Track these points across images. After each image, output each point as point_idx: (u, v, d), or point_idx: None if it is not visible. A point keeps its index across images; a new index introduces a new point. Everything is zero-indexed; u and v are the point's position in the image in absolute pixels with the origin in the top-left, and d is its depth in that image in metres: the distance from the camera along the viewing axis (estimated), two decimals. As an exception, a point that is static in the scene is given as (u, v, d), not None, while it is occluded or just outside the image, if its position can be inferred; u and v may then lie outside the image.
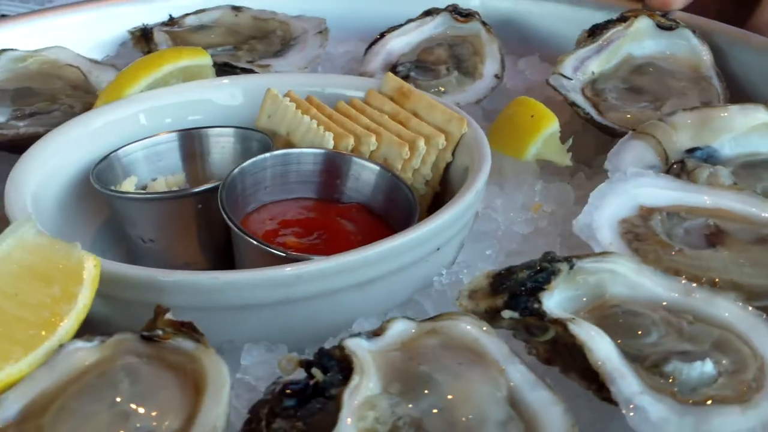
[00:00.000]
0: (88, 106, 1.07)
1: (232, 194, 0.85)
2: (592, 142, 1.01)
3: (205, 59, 1.07)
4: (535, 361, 0.68)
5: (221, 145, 0.94)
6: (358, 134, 0.93)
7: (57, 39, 1.19)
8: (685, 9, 1.11)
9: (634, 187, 0.84)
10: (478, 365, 0.65)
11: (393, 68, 1.16)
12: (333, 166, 0.87)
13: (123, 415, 0.60)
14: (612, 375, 0.64)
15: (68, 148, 0.92)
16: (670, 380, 0.65)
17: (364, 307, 0.77)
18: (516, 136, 0.95)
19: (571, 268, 0.72)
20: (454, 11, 1.23)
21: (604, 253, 0.74)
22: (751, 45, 1.08)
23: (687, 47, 1.10)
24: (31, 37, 1.19)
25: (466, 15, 1.22)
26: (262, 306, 0.74)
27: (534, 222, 0.90)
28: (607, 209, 0.82)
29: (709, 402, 0.63)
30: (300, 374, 0.64)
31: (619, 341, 0.68)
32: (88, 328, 0.68)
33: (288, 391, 0.64)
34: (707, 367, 0.65)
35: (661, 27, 1.11)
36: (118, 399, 0.61)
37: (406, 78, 1.10)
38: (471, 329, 0.67)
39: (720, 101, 1.02)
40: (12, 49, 1.15)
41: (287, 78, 1.05)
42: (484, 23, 1.20)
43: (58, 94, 1.09)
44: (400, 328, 0.68)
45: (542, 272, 0.71)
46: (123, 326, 0.68)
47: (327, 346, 0.73)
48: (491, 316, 0.70)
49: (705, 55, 1.08)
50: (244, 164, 0.86)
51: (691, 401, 0.63)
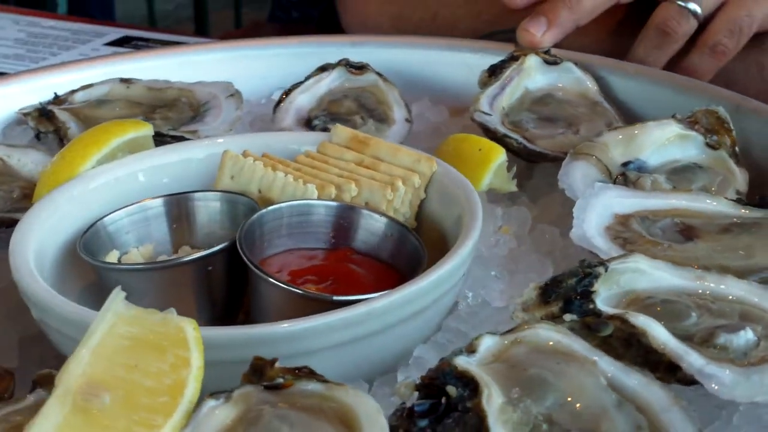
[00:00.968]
0: (27, 190, 1.06)
1: (250, 240, 0.88)
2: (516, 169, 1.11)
3: (147, 130, 1.08)
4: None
5: (208, 210, 0.96)
6: (337, 183, 0.98)
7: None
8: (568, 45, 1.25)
9: (605, 199, 0.95)
10: (573, 362, 0.73)
11: (307, 122, 1.22)
12: (343, 218, 0.92)
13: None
14: (678, 353, 0.74)
15: (68, 207, 0.94)
16: (723, 351, 0.76)
17: (415, 337, 0.83)
18: (468, 169, 1.03)
19: (606, 270, 0.81)
20: (348, 65, 1.30)
21: (624, 255, 0.84)
22: (627, 72, 1.23)
23: (573, 78, 1.23)
24: None
25: (359, 67, 1.30)
26: (336, 346, 0.78)
27: (508, 243, 0.99)
28: (592, 221, 0.93)
29: (762, 363, 0.74)
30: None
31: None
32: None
33: (417, 412, 0.69)
34: (749, 334, 0.76)
35: (547, 63, 1.24)
36: (284, 440, 0.64)
37: (324, 130, 1.17)
38: (550, 333, 0.75)
39: (618, 122, 1.16)
40: None
41: (237, 139, 1.08)
42: (378, 73, 1.29)
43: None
44: (489, 343, 0.75)
45: (587, 277, 0.80)
46: (209, 388, 0.70)
47: (400, 375, 0.79)
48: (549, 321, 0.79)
49: (590, 83, 1.23)
50: (263, 211, 0.90)
51: (747, 363, 0.75)
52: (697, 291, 0.82)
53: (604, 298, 0.80)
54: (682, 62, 1.25)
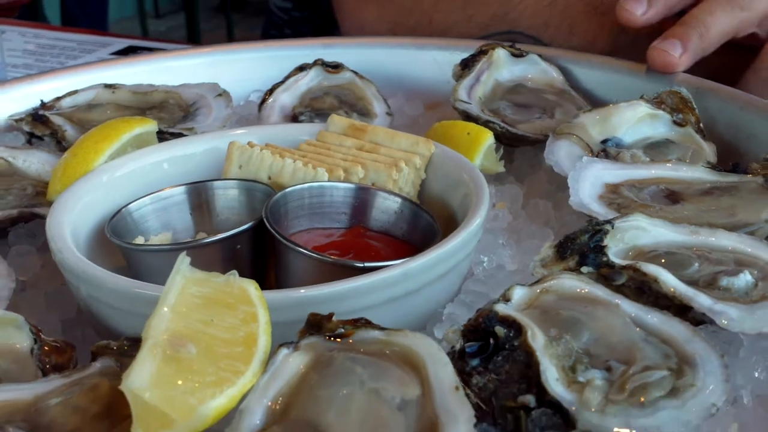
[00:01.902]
0: (39, 187, 1.09)
1: (275, 218, 0.93)
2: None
3: (152, 126, 1.13)
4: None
5: (227, 197, 1.01)
6: (344, 166, 1.05)
7: None
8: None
9: (594, 171, 1.04)
10: (598, 305, 0.81)
11: (293, 118, 1.28)
12: (359, 198, 0.98)
13: (375, 392, 0.69)
14: (688, 295, 0.83)
15: (97, 192, 1.00)
16: (726, 292, 0.84)
17: (440, 299, 0.90)
18: (459, 152, 1.11)
19: (612, 227, 0.90)
20: (324, 64, 1.36)
21: (626, 214, 0.92)
22: (590, 62, 1.32)
23: (539, 69, 1.32)
24: None
25: (335, 66, 1.37)
26: (374, 306, 0.84)
27: (506, 217, 1.07)
28: (586, 190, 1.01)
29: (762, 300, 0.83)
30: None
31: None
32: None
33: (468, 353, 0.76)
34: (748, 276, 0.85)
35: (514, 55, 1.32)
36: (362, 381, 0.70)
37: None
38: (574, 282, 0.83)
39: (586, 107, 1.25)
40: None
41: (240, 132, 1.13)
42: (353, 71, 1.36)
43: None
44: (520, 293, 0.82)
45: (597, 234, 0.88)
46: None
47: (438, 331, 0.86)
48: (565, 276, 0.86)
49: (555, 74, 1.32)
50: (287, 190, 0.96)
51: (750, 301, 0.83)
52: (694, 244, 0.91)
53: (613, 253, 0.88)
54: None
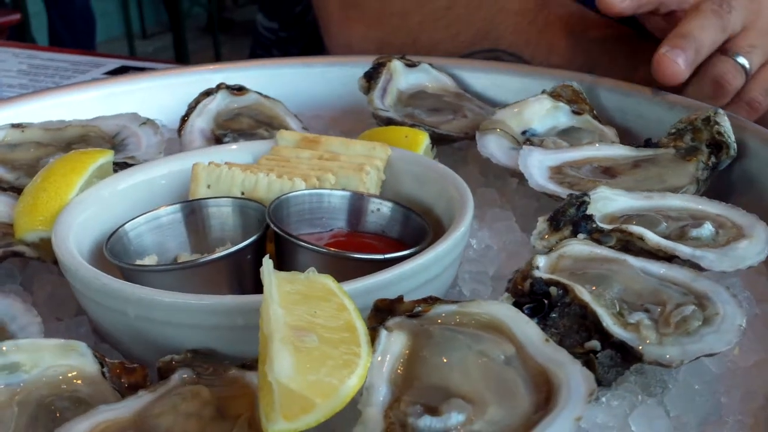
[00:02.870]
0: (4, 228, 1.08)
1: (278, 221, 0.99)
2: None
3: (110, 157, 1.14)
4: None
5: (221, 215, 1.05)
6: (314, 174, 1.11)
7: None
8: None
9: (535, 158, 1.16)
10: (612, 262, 0.93)
11: (217, 140, 1.32)
12: (355, 204, 1.05)
13: (482, 353, 0.78)
14: (671, 247, 0.96)
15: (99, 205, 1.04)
16: (697, 241, 0.99)
17: (450, 281, 0.99)
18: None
19: (589, 199, 1.03)
20: (228, 88, 1.41)
21: (592, 188, 1.06)
22: (477, 67, 1.46)
23: (432, 77, 1.44)
24: None
25: (239, 89, 1.42)
26: (417, 288, 0.92)
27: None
28: (536, 174, 1.14)
29: (728, 244, 0.99)
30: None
31: (648, 232, 1.00)
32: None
33: (527, 313, 0.86)
34: (709, 226, 1.00)
35: (408, 66, 1.44)
36: (468, 345, 0.78)
37: None
38: (582, 246, 0.95)
39: (483, 108, 1.39)
40: None
41: (196, 154, 1.17)
42: (257, 92, 1.42)
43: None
44: (543, 261, 0.93)
45: (582, 205, 1.01)
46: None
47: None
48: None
49: (447, 80, 1.44)
50: (289, 194, 1.02)
51: (719, 246, 0.99)
52: (652, 206, 1.05)
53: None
54: None
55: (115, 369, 0.84)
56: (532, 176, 1.12)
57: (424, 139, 1.23)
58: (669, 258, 0.96)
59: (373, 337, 0.79)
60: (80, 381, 0.82)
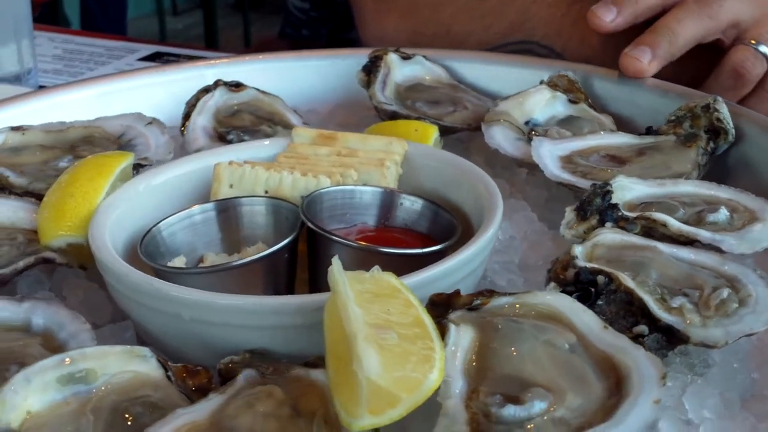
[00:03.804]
0: (30, 235, 1.08)
1: (311, 214, 1.01)
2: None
3: (131, 160, 1.15)
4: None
5: (254, 214, 1.06)
6: (338, 171, 1.14)
7: None
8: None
9: (546, 149, 1.20)
10: (645, 250, 0.97)
11: (221, 138, 1.33)
12: (384, 200, 1.07)
13: (548, 342, 0.81)
14: (692, 232, 1.01)
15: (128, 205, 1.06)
16: (714, 225, 1.04)
17: (482, 273, 1.03)
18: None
19: (611, 188, 1.07)
20: (225, 84, 1.42)
21: (611, 177, 1.10)
22: (470, 58, 1.49)
23: (426, 69, 1.46)
24: None
25: (236, 85, 1.43)
26: (459, 282, 0.95)
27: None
28: (550, 164, 1.18)
29: (743, 227, 1.04)
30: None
31: (668, 218, 1.05)
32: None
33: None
34: (724, 211, 1.05)
35: (403, 58, 1.46)
36: (534, 335, 0.82)
37: (241, 142, 1.29)
38: (614, 235, 0.99)
39: (480, 98, 1.42)
40: None
41: (214, 154, 1.18)
42: (255, 88, 1.43)
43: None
44: (580, 250, 0.96)
45: (606, 195, 1.05)
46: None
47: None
48: (590, 233, 1.02)
49: (441, 72, 1.47)
50: (321, 191, 1.04)
51: (735, 230, 1.04)
52: (666, 193, 1.09)
53: (618, 209, 1.05)
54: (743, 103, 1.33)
55: (180, 372, 0.85)
56: (547, 166, 1.16)
57: (434, 132, 1.26)
58: (690, 243, 1.00)
59: (441, 332, 0.81)
60: (148, 386, 0.83)
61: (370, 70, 1.41)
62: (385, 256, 0.99)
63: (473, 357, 0.81)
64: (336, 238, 0.99)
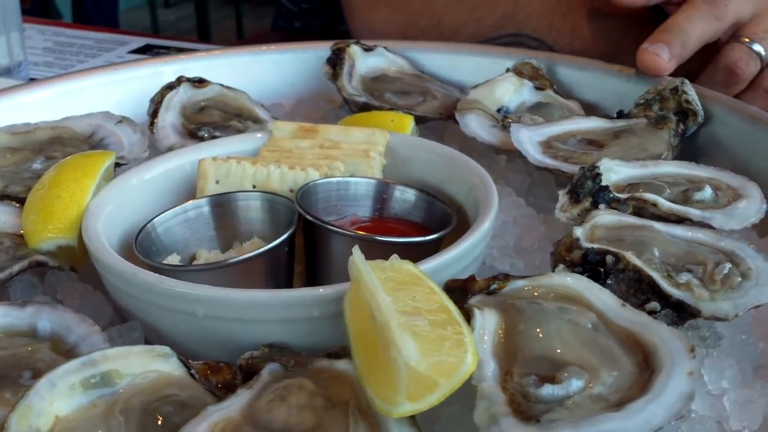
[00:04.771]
0: (15, 239, 1.06)
1: (306, 206, 1.01)
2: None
3: (113, 158, 1.12)
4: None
5: (249, 209, 1.05)
6: (324, 163, 1.13)
7: None
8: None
9: (525, 135, 1.22)
10: (642, 229, 0.99)
11: (191, 135, 1.31)
12: (380, 192, 1.08)
13: (572, 322, 0.83)
14: (682, 211, 1.04)
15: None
16: (701, 203, 1.07)
17: (482, 258, 1.04)
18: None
19: (600, 170, 1.09)
20: (188, 81, 1.40)
21: (588, 160, 1.12)
22: (435, 48, 1.50)
23: (388, 60, 1.47)
24: None
25: (199, 81, 1.41)
26: (464, 269, 0.96)
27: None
28: (531, 149, 1.20)
29: (729, 204, 1.07)
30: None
31: (656, 198, 1.08)
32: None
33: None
34: (709, 189, 1.08)
35: (365, 50, 1.46)
36: (558, 316, 0.83)
37: (214, 138, 1.28)
38: (611, 216, 1.01)
39: (445, 87, 1.43)
40: None
41: (195, 150, 1.16)
42: (220, 84, 1.42)
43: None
44: (580, 232, 0.98)
45: (596, 177, 1.07)
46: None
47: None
48: (584, 215, 1.04)
49: (403, 62, 1.48)
50: (318, 181, 1.03)
51: (721, 206, 1.07)
52: (649, 174, 1.12)
53: (606, 191, 1.08)
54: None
55: (202, 370, 0.84)
56: (529, 152, 1.17)
57: (410, 122, 1.26)
58: (679, 221, 1.03)
59: (465, 317, 0.82)
60: (172, 385, 0.82)
61: (335, 62, 1.41)
62: (384, 245, 0.99)
63: (501, 340, 0.81)
64: (338, 230, 0.99)
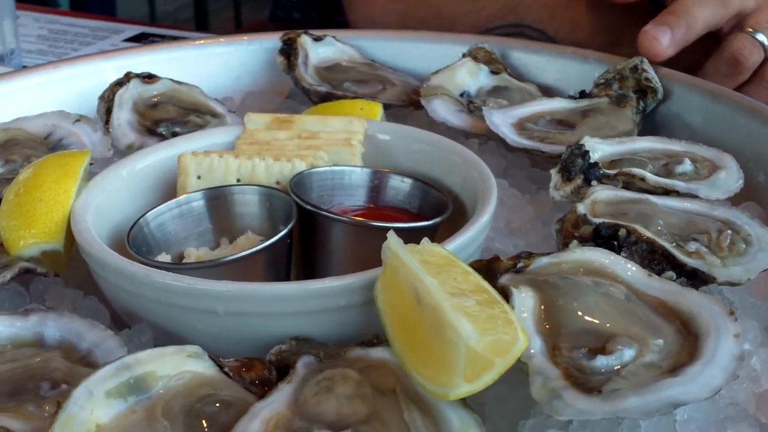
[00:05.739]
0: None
1: (300, 192, 1.00)
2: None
3: (89, 157, 1.08)
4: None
5: (247, 203, 1.02)
6: (306, 154, 1.11)
7: None
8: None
9: (498, 118, 1.23)
10: (641, 203, 1.01)
11: (150, 131, 1.27)
12: (374, 180, 1.06)
13: (607, 294, 0.84)
14: (669, 184, 1.06)
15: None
16: (684, 176, 1.10)
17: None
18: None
19: (587, 148, 1.11)
20: (137, 76, 1.36)
21: (564, 139, 1.14)
22: (385, 36, 1.49)
23: (337, 50, 1.45)
24: None
25: (149, 76, 1.36)
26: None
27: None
28: (506, 131, 1.20)
29: (710, 176, 1.10)
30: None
31: (641, 172, 1.10)
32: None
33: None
34: (689, 162, 1.11)
35: (315, 39, 1.44)
36: (593, 289, 0.84)
37: (174, 134, 1.25)
38: (608, 191, 1.02)
39: (399, 74, 1.43)
40: None
41: (171, 145, 1.13)
42: (170, 79, 1.37)
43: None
44: (582, 208, 1.00)
45: (585, 155, 1.08)
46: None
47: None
48: (577, 192, 1.06)
49: (353, 51, 1.46)
50: (312, 169, 1.02)
51: (703, 178, 1.10)
52: (628, 150, 1.15)
53: (593, 168, 1.09)
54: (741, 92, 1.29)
55: (236, 368, 0.81)
56: (506, 134, 1.18)
57: (380, 110, 1.25)
58: (666, 194, 1.05)
59: (504, 295, 0.82)
60: (208, 384, 0.79)
61: (289, 53, 1.39)
62: (382, 232, 0.97)
63: (542, 316, 0.81)
64: (339, 217, 0.98)
